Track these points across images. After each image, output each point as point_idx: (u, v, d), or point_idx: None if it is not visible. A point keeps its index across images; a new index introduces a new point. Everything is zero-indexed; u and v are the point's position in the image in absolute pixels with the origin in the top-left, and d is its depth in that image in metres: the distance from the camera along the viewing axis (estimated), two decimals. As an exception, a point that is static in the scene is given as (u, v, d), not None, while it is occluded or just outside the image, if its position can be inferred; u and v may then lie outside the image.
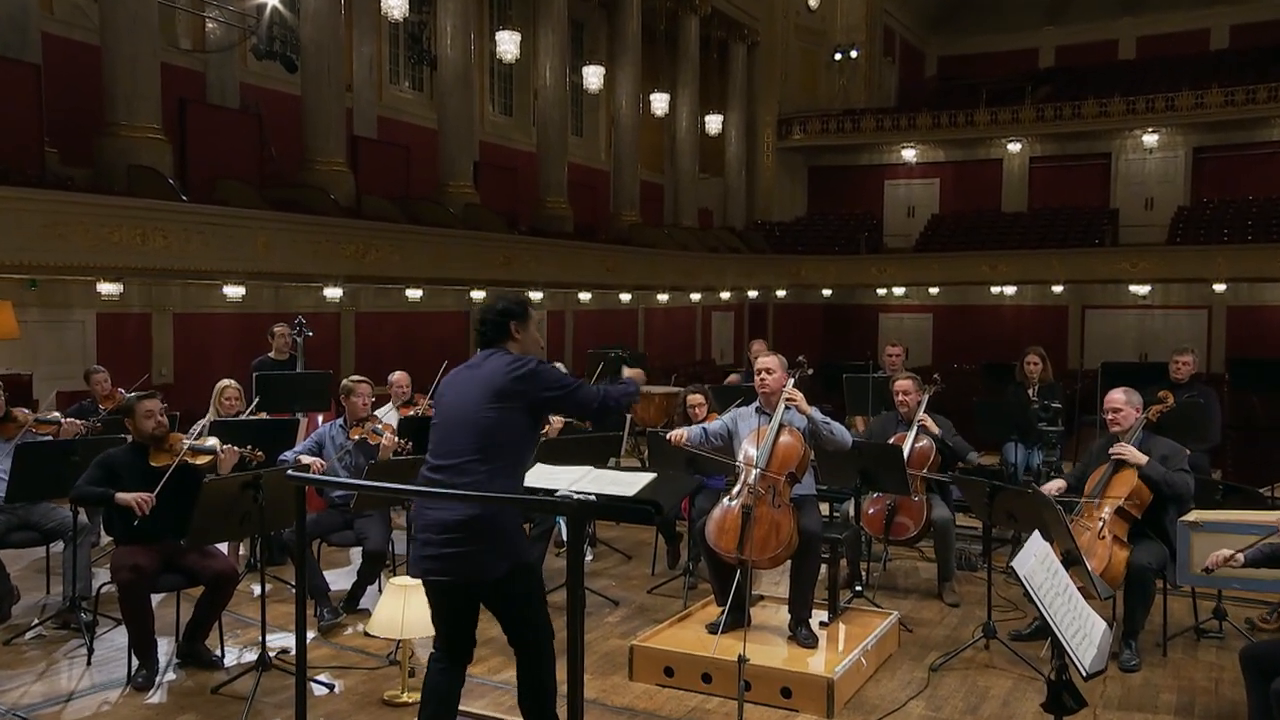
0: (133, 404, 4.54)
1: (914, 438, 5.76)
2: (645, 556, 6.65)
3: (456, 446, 3.18)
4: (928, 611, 5.61)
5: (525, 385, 3.21)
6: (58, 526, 5.20)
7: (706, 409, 6.41)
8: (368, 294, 14.36)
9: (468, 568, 3.15)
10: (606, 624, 5.37)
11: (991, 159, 24.65)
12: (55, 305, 10.92)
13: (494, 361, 3.27)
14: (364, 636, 4.95)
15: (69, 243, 9.74)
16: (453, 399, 3.27)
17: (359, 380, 5.69)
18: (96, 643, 4.75)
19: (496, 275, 15.21)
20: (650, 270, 19.33)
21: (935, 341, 23.60)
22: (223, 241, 11.09)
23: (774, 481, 4.52)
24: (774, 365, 4.77)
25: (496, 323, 3.35)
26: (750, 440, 4.69)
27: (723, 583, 4.67)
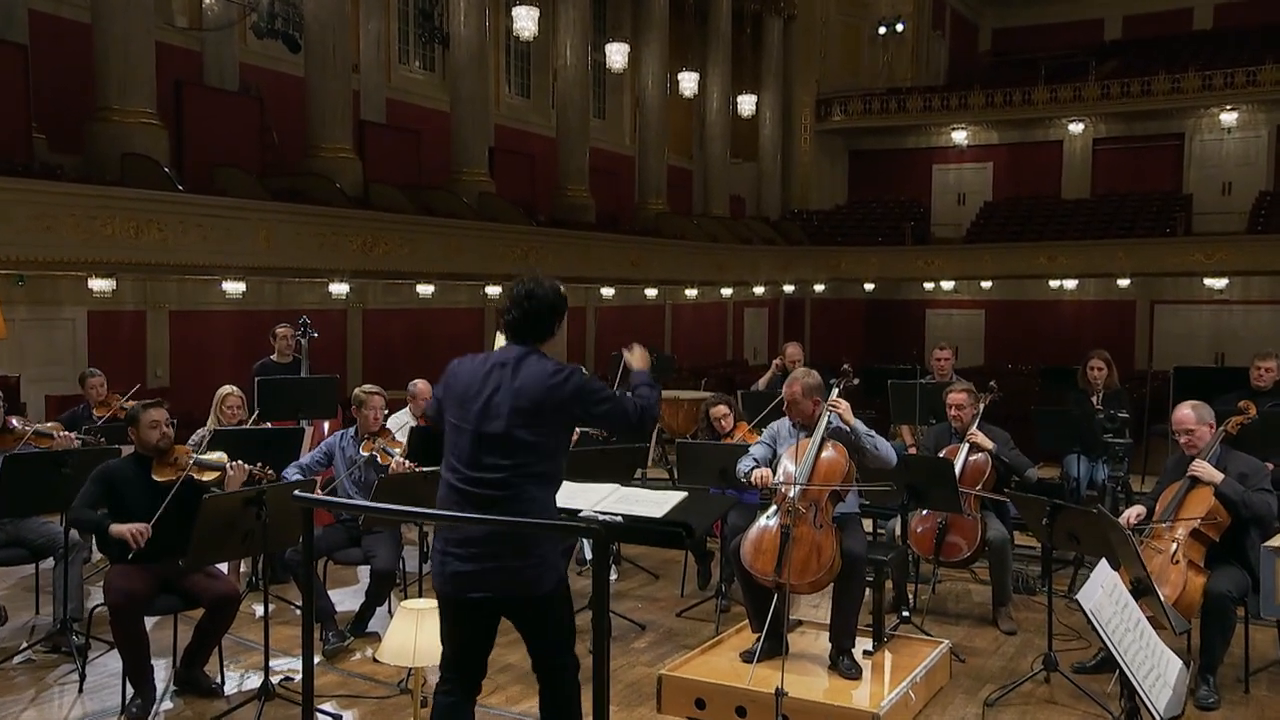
0: (137, 413, 4.57)
1: (967, 452, 5.72)
2: (674, 576, 6.65)
3: (489, 460, 3.12)
4: (982, 639, 5.56)
5: (572, 404, 3.14)
6: (48, 543, 5.26)
7: (733, 420, 6.39)
8: (376, 290, 14.46)
9: (515, 583, 3.12)
10: (633, 650, 5.37)
11: (1050, 141, 24.41)
12: (44, 303, 11.08)
13: (532, 370, 3.16)
14: (373, 663, 4.98)
15: (58, 236, 9.87)
16: (481, 406, 3.16)
17: (371, 391, 5.71)
18: (89, 668, 4.80)
19: (513, 269, 15.22)
20: (678, 263, 19.32)
21: (988, 340, 23.41)
22: (221, 234, 11.21)
23: (815, 499, 4.50)
24: (799, 391, 4.75)
25: (541, 314, 3.22)
26: (790, 455, 4.68)
27: (758, 607, 4.66)
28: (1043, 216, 23.36)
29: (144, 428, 4.54)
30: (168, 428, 4.62)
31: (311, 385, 7.25)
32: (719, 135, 22.38)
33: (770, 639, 4.54)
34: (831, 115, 25.54)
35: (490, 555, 3.11)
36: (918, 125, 25.24)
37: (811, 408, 4.73)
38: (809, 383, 4.78)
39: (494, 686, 4.67)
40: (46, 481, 4.88)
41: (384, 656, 4.11)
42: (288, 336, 7.78)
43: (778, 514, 4.57)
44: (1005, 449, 5.77)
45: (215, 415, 6.21)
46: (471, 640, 3.30)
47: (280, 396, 6.76)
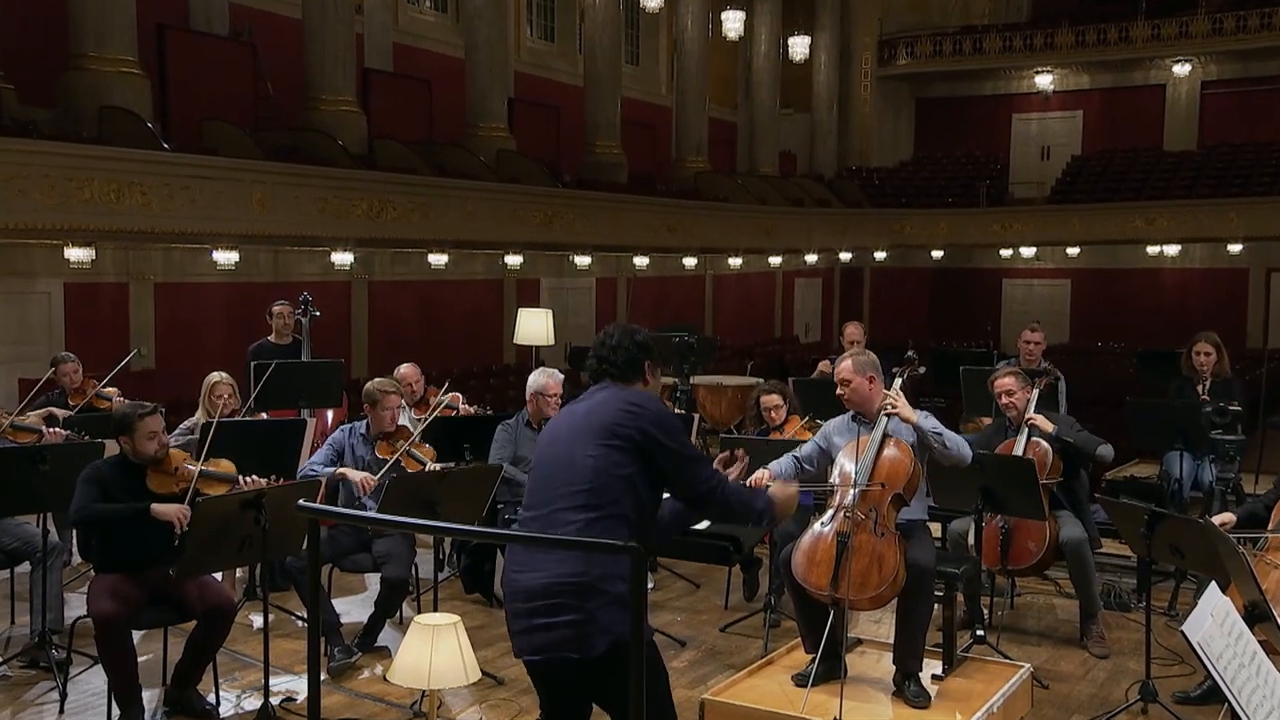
0: (131, 421, 4.59)
1: (1024, 444, 5.67)
2: (716, 586, 6.66)
3: (547, 495, 3.21)
4: (1067, 663, 5.52)
5: (642, 423, 3.18)
6: (23, 546, 5.34)
7: (785, 411, 6.35)
8: (383, 260, 14.54)
9: (555, 644, 3.12)
10: (672, 669, 5.35)
11: (1151, 85, 23.98)
12: (15, 274, 11.25)
13: (608, 394, 3.30)
14: (383, 681, 5.04)
15: (30, 199, 10.00)
16: (552, 442, 3.31)
17: (387, 390, 5.69)
18: (70, 685, 4.88)
19: (535, 236, 15.28)
20: (720, 229, 19.26)
21: (1074, 315, 23.15)
22: (211, 198, 11.31)
23: (876, 504, 4.46)
24: (846, 373, 4.69)
25: (630, 359, 3.34)
26: (847, 454, 4.63)
27: (812, 624, 4.63)
28: (1140, 172, 22.98)
29: (140, 438, 4.58)
30: (165, 435, 4.68)
31: (314, 370, 7.31)
32: (767, 83, 22.19)
33: (826, 660, 4.52)
34: (896, 59, 25.24)
35: (534, 612, 3.14)
36: (996, 69, 24.89)
37: (869, 391, 4.66)
38: (861, 360, 4.72)
39: (516, 710, 4.72)
40: (22, 479, 4.93)
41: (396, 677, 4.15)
42: (286, 315, 7.84)
43: (834, 520, 4.53)
44: (1068, 430, 5.71)
45: (204, 405, 6.28)
46: (555, 705, 3.32)
47: (279, 383, 6.82)
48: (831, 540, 4.46)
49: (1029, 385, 5.88)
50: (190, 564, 4.31)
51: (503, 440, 6.12)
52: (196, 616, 4.55)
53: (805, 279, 23.62)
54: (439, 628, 3.93)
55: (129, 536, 4.51)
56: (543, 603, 3.11)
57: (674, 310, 19.17)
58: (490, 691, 4.98)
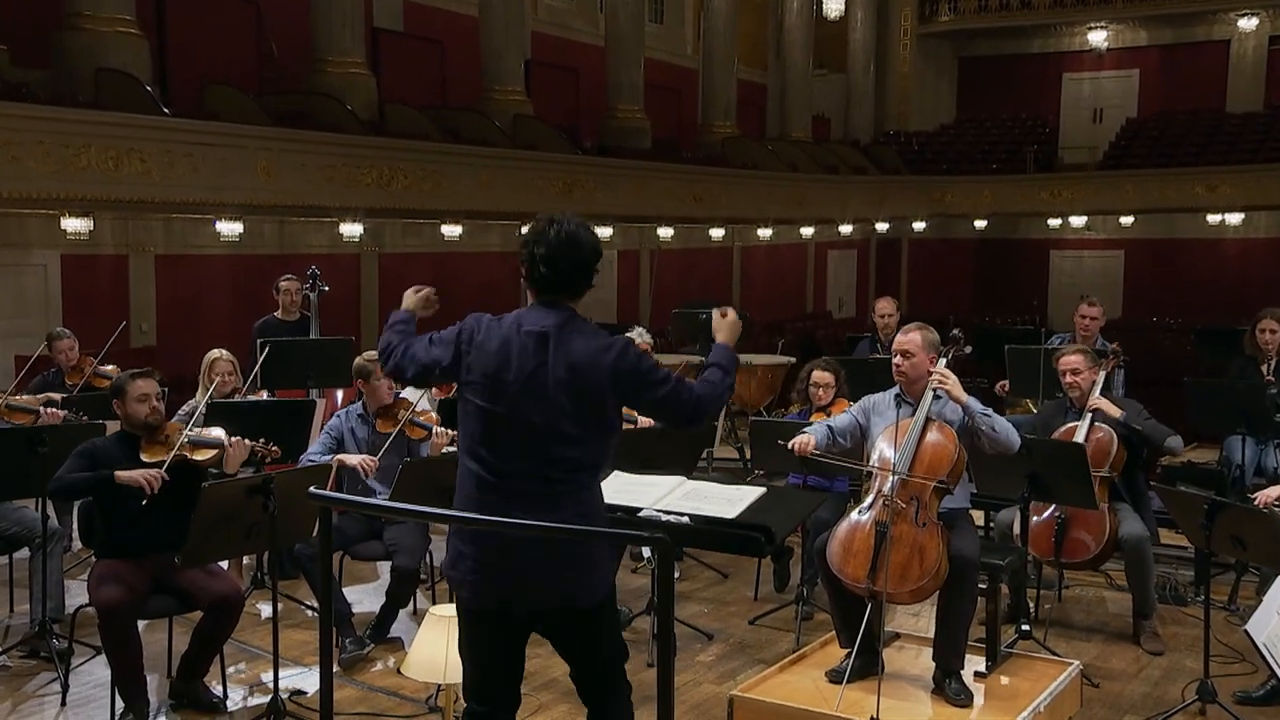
0: (124, 384, 4.67)
1: (1088, 428, 5.61)
2: (746, 576, 6.68)
3: (530, 454, 3.14)
4: (1119, 660, 5.50)
5: (624, 384, 3.15)
6: (22, 531, 5.42)
7: (835, 392, 6.33)
8: (394, 231, 14.57)
9: (561, 592, 3.16)
10: (698, 664, 5.42)
11: (1214, 40, 23.60)
12: (10, 245, 11.32)
13: (580, 344, 3.15)
14: (396, 674, 5.09)
15: (23, 166, 10.05)
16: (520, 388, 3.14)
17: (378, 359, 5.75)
18: (72, 676, 4.96)
19: (555, 206, 15.03)
20: (750, 198, 19.20)
21: (1127, 288, 22.91)
22: (214, 166, 11.35)
23: (918, 492, 4.46)
24: (912, 345, 4.68)
25: (583, 267, 3.20)
26: (887, 437, 4.62)
27: (848, 618, 4.65)
28: (1201, 135, 22.67)
29: (131, 400, 4.64)
30: (159, 401, 4.72)
31: (322, 348, 7.35)
32: (800, 42, 22.02)
33: (862, 656, 4.52)
34: (938, 15, 24.97)
35: (527, 556, 3.13)
36: (1045, 25, 24.58)
37: (925, 371, 4.64)
38: (930, 338, 4.70)
39: (536, 706, 4.75)
40: (20, 462, 5.01)
41: (410, 670, 4.19)
42: (294, 292, 7.88)
43: (872, 508, 4.53)
44: (1137, 418, 5.65)
45: (205, 383, 6.31)
46: (507, 655, 3.34)
47: (286, 361, 6.87)
48: (869, 529, 4.46)
49: (1095, 366, 5.81)
50: (196, 551, 4.35)
51: None
52: (203, 606, 4.60)
53: (839, 251, 23.49)
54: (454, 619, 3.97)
55: (131, 521, 4.56)
56: (547, 551, 3.12)
57: (700, 284, 19.13)
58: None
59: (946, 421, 4.58)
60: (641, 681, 5.14)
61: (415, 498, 5.00)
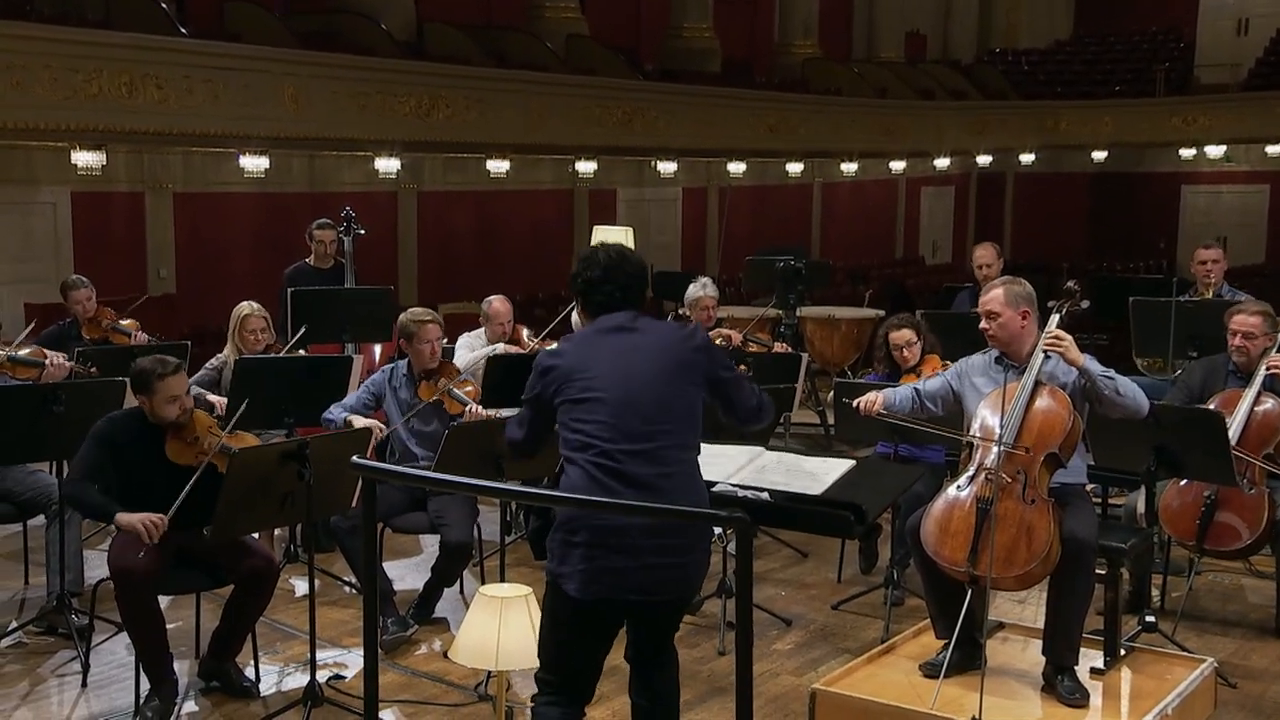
0: (150, 380, 4.66)
1: (1254, 398, 5.48)
2: (827, 555, 6.69)
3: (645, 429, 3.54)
4: (1261, 657, 5.43)
5: (704, 357, 3.69)
6: (37, 497, 5.54)
7: (920, 350, 6.28)
8: (434, 166, 14.64)
9: (683, 583, 3.61)
10: (775, 653, 5.46)
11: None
12: (15, 181, 11.55)
13: (659, 326, 3.79)
14: (442, 659, 5.19)
15: (30, 94, 10.22)
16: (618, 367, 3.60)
17: (423, 319, 5.77)
18: (93, 655, 5.11)
19: (613, 139, 15.23)
20: (832, 128, 19.04)
21: (1272, 229, 22.32)
22: (237, 94, 11.46)
23: (1026, 465, 4.42)
24: (995, 304, 4.62)
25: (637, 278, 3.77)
26: (990, 404, 4.58)
27: (945, 605, 4.63)
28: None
29: (160, 402, 4.66)
30: (188, 397, 4.78)
31: (359, 299, 7.43)
32: (892, -52, 21.65)
33: (961, 648, 4.52)
34: (1052, -86, 24.39)
35: (663, 550, 3.49)
36: (1178, -77, 23.91)
37: (1019, 329, 4.60)
38: (1014, 291, 4.64)
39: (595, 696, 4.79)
40: (33, 422, 5.11)
41: (459, 656, 4.27)
42: (328, 241, 7.96)
43: (973, 483, 4.50)
44: None
45: (234, 341, 6.42)
46: (599, 646, 3.70)
47: (320, 313, 6.96)
48: (970, 507, 4.43)
49: (1274, 334, 5.65)
50: (226, 523, 4.44)
51: None
52: (233, 581, 4.71)
53: (934, 188, 23.23)
54: (508, 600, 4.02)
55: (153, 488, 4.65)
56: (677, 541, 3.50)
57: (775, 226, 19.01)
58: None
59: (1059, 385, 4.53)
60: (713, 672, 5.22)
61: (462, 465, 5.06)
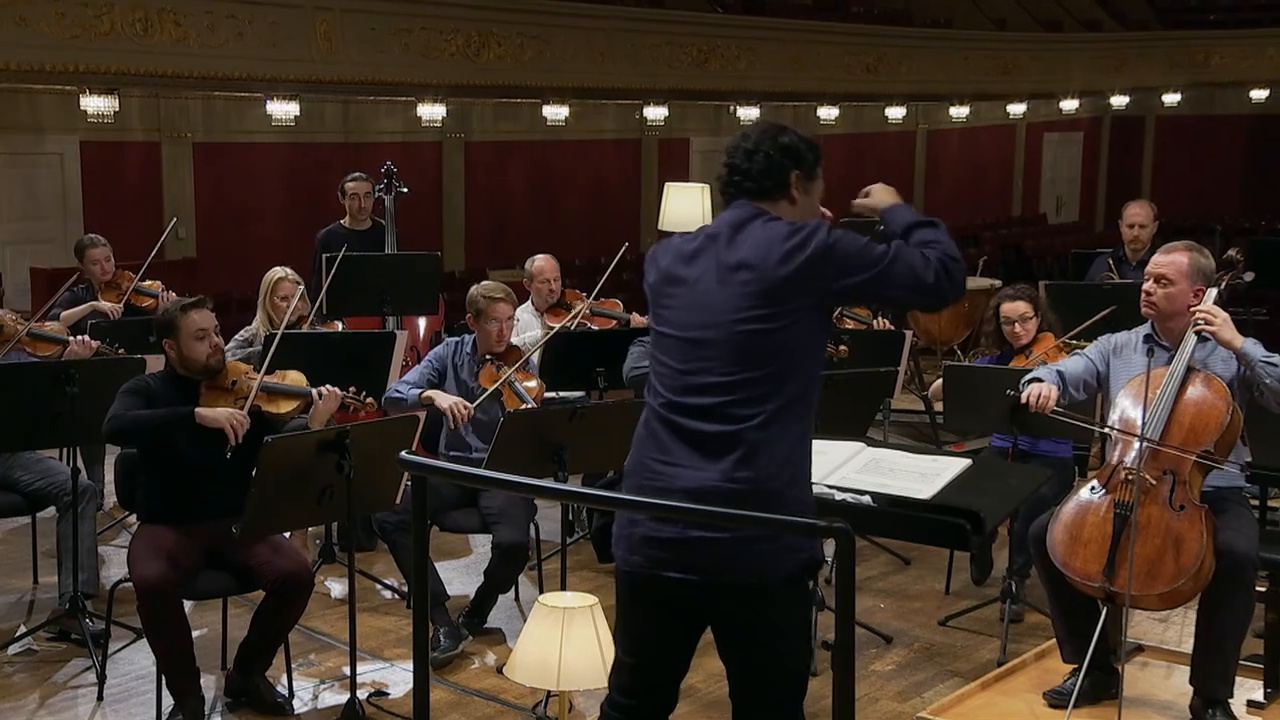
0: (174, 317, 4.75)
1: None
2: (933, 562, 6.67)
3: (704, 380, 3.21)
4: None
5: (819, 269, 3.18)
6: (47, 487, 5.62)
7: (1036, 326, 6.21)
8: (484, 114, 14.69)
9: (736, 561, 3.17)
10: (873, 674, 5.44)
11: None
12: (19, 130, 11.75)
13: (756, 234, 3.24)
14: (496, 675, 5.23)
15: (33, 31, 10.32)
16: (687, 298, 3.28)
17: (495, 296, 5.79)
18: (110, 664, 5.19)
19: (685, 81, 15.15)
20: (940, 66, 18.87)
21: None
22: (264, 31, 11.54)
23: (1173, 465, 4.38)
24: (1173, 270, 4.55)
25: (770, 165, 3.30)
26: (1132, 392, 4.55)
27: (1074, 624, 4.61)
28: None
29: (187, 338, 4.74)
30: (218, 336, 4.84)
31: (401, 265, 7.46)
32: None
33: (1094, 674, 4.49)
34: None
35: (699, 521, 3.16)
36: None
37: (1186, 306, 4.54)
38: (1200, 261, 4.58)
39: None
40: (44, 404, 5.20)
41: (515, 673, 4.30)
42: (363, 196, 7.99)
43: (1109, 485, 4.47)
44: None
45: (264, 310, 6.49)
46: (661, 645, 3.40)
47: (357, 281, 7.00)
48: (1107, 512, 4.41)
49: None
50: (257, 521, 4.49)
51: (639, 358, 6.18)
52: (265, 585, 4.75)
53: (1059, 134, 22.97)
54: (571, 611, 4.04)
55: (186, 479, 4.73)
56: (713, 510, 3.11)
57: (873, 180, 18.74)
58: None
59: (1214, 373, 4.48)
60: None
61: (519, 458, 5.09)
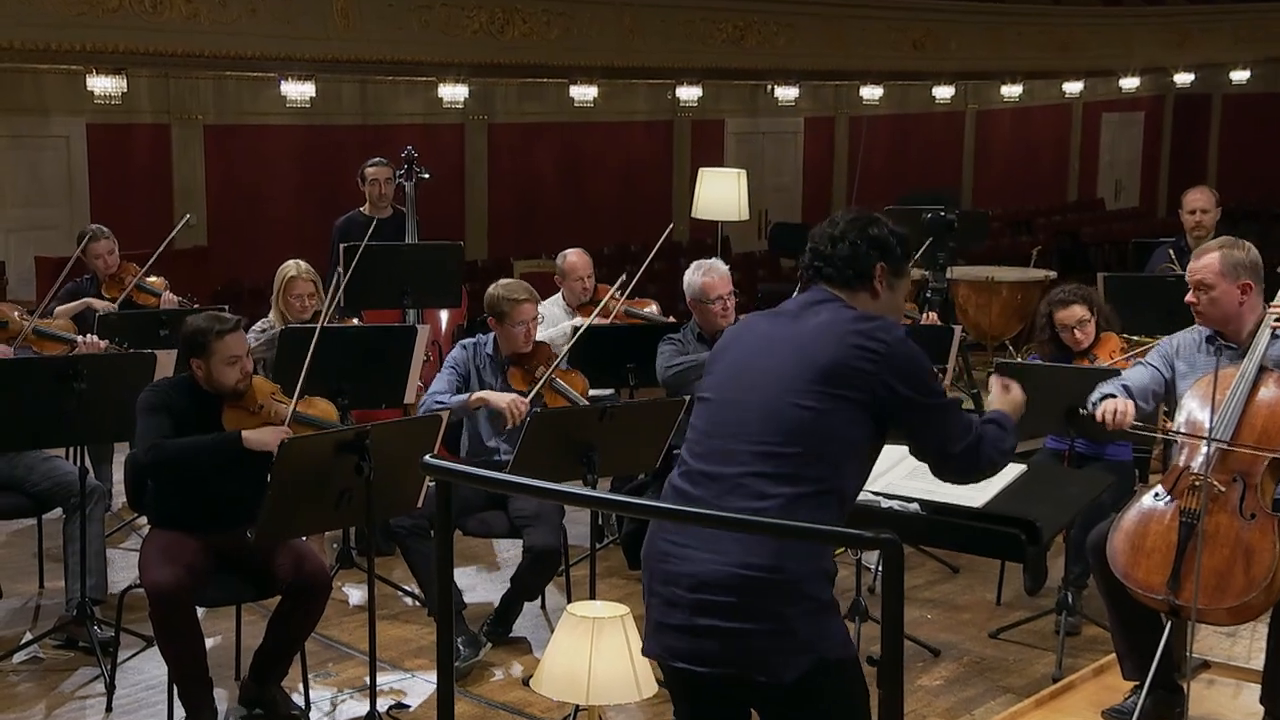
0: (207, 339, 4.72)
1: None
2: (983, 571, 6.64)
3: (731, 447, 3.21)
4: None
5: (883, 369, 3.19)
6: (54, 488, 5.66)
7: (1095, 328, 6.15)
8: (508, 95, 14.70)
9: (740, 655, 3.15)
10: (920, 689, 5.42)
11: None
12: (23, 112, 11.82)
13: (830, 313, 3.29)
14: (522, 687, 5.24)
15: (39, 9, 10.35)
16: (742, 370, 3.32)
17: (519, 297, 5.77)
18: (119, 673, 5.21)
19: (720, 59, 15.11)
20: (990, 42, 18.76)
21: None
22: (277, 8, 11.56)
23: (1244, 469, 4.36)
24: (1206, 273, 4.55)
25: (854, 254, 3.36)
26: (1199, 393, 4.53)
27: (1136, 639, 4.61)
28: None
29: (219, 363, 4.74)
30: (249, 359, 4.87)
31: (422, 256, 7.47)
32: None
33: (1157, 691, 4.49)
34: None
35: (704, 608, 3.15)
36: None
37: (1237, 304, 4.54)
38: (1233, 257, 4.57)
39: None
40: (50, 401, 5.22)
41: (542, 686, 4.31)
42: (383, 182, 8.01)
43: (1174, 492, 4.45)
44: None
45: (278, 306, 6.51)
46: None
47: (377, 272, 7.01)
48: (1171, 520, 4.40)
49: None
50: (273, 525, 4.51)
51: (672, 355, 6.18)
52: (281, 591, 4.79)
53: (1118, 114, 22.87)
54: (601, 621, 4.04)
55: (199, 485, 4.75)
56: (719, 599, 3.12)
57: (918, 165, 18.82)
58: (666, 706, 5.09)
59: (1288, 373, 4.48)
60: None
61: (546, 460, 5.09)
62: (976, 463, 3.34)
